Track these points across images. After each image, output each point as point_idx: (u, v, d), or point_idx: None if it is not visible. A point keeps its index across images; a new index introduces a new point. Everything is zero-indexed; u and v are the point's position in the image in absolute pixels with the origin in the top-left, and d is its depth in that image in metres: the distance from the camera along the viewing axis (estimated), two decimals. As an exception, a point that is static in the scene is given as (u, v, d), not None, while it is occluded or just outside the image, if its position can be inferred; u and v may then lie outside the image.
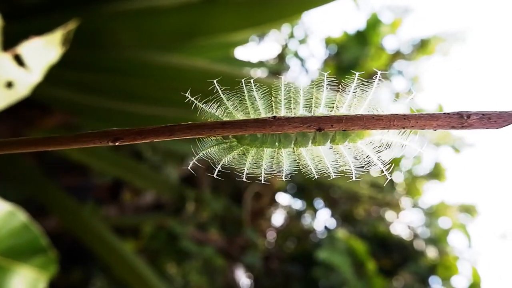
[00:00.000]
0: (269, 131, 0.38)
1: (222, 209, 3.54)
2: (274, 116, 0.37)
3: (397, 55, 3.37)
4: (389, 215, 3.23)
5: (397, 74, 3.45)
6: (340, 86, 0.40)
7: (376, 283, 2.58)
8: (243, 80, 0.39)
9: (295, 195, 3.52)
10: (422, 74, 3.58)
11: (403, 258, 2.84)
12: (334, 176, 0.39)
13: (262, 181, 0.41)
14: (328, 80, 0.40)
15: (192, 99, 0.40)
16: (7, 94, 0.77)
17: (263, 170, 0.41)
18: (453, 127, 0.36)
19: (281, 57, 3.45)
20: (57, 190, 2.33)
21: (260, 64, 2.79)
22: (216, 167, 0.41)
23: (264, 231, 3.63)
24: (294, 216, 3.62)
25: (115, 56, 1.96)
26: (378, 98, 0.39)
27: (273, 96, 0.40)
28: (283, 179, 0.40)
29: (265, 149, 0.41)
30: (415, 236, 3.03)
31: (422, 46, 3.42)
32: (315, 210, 3.49)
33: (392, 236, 2.98)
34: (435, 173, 3.15)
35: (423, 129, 0.36)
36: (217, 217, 3.52)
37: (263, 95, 0.41)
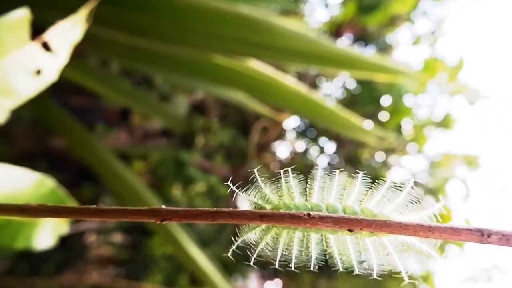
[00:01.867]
0: (302, 227, 0.40)
1: (229, 140, 3.60)
2: (309, 214, 0.39)
3: (423, -7, 3.16)
4: (392, 160, 3.29)
5: (422, 15, 3.28)
6: (373, 184, 0.42)
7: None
8: (281, 171, 0.42)
9: (302, 133, 3.56)
10: (448, 17, 3.40)
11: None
12: (357, 271, 0.42)
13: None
14: (363, 178, 0.42)
15: (234, 188, 0.42)
16: (37, 81, 0.77)
17: (293, 254, 0.44)
18: (473, 242, 0.39)
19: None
20: (64, 114, 2.36)
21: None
22: (255, 251, 0.44)
23: (268, 164, 3.73)
24: (299, 152, 3.70)
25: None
26: (407, 202, 0.41)
27: (308, 185, 0.42)
28: (311, 266, 0.43)
29: (296, 233, 0.43)
30: (415, 183, 3.11)
31: (452, -15, 3.19)
32: (321, 148, 3.55)
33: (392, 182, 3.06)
34: (444, 123, 3.14)
35: (445, 240, 0.39)
36: (223, 147, 3.60)
37: (298, 182, 0.43)
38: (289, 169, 0.43)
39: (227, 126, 3.54)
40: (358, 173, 0.43)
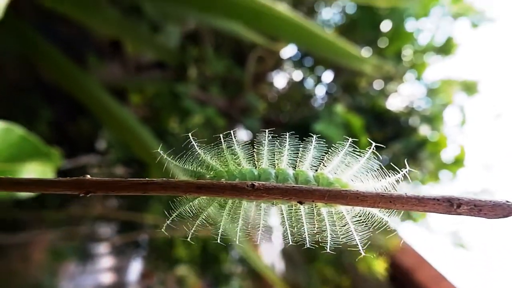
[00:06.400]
0: (246, 199, 0.37)
1: (225, 70, 3.51)
2: (253, 185, 0.36)
3: None
4: (390, 87, 3.22)
5: None
6: (330, 148, 0.38)
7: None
8: (221, 135, 0.37)
9: (299, 62, 3.46)
10: None
11: (396, 132, 2.94)
12: (308, 244, 0.39)
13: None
14: (317, 141, 0.38)
15: (165, 156, 0.37)
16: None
17: (239, 225, 0.40)
18: (440, 213, 0.36)
19: None
20: (51, 48, 2.29)
21: None
22: (193, 224, 0.40)
23: (265, 94, 3.68)
24: (296, 82, 3.62)
25: None
26: (367, 169, 0.37)
27: (256, 149, 0.38)
28: (258, 239, 0.39)
29: (243, 201, 0.39)
30: (412, 111, 3.08)
31: None
32: (318, 77, 3.47)
33: (389, 110, 3.03)
34: (446, 48, 3.02)
35: (409, 210, 0.36)
36: (219, 77, 3.52)
37: (244, 146, 0.38)
38: (232, 132, 0.39)
39: (222, 56, 3.43)
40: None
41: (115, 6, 2.98)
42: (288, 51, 3.47)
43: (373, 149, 0.38)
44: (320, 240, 0.40)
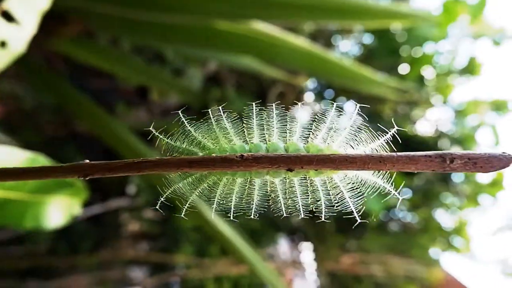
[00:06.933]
0: (237, 170, 0.36)
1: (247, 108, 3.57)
2: (242, 155, 0.36)
3: None
4: (416, 112, 3.17)
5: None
6: (317, 115, 0.38)
7: (397, 182, 2.66)
8: (210, 111, 0.37)
9: (320, 94, 3.48)
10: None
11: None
12: (303, 215, 0.38)
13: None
14: (304, 109, 0.38)
15: (156, 133, 0.38)
16: (2, 54, 0.75)
17: (233, 202, 0.39)
18: (433, 171, 0.34)
19: None
20: (83, 98, 2.39)
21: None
22: (186, 201, 0.40)
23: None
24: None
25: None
26: (356, 131, 0.37)
27: (245, 123, 0.38)
28: (252, 214, 0.39)
29: (236, 179, 0.39)
30: (441, 134, 3.00)
31: None
32: (340, 108, 3.47)
33: (416, 135, 2.97)
34: (469, 69, 2.97)
35: (400, 171, 0.35)
36: (241, 115, 3.58)
37: (234, 122, 0.38)
38: (220, 107, 0.39)
39: (244, 94, 3.51)
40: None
41: (140, 55, 3.14)
42: (309, 84, 3.50)
43: (357, 109, 0.37)
44: (314, 209, 0.38)
